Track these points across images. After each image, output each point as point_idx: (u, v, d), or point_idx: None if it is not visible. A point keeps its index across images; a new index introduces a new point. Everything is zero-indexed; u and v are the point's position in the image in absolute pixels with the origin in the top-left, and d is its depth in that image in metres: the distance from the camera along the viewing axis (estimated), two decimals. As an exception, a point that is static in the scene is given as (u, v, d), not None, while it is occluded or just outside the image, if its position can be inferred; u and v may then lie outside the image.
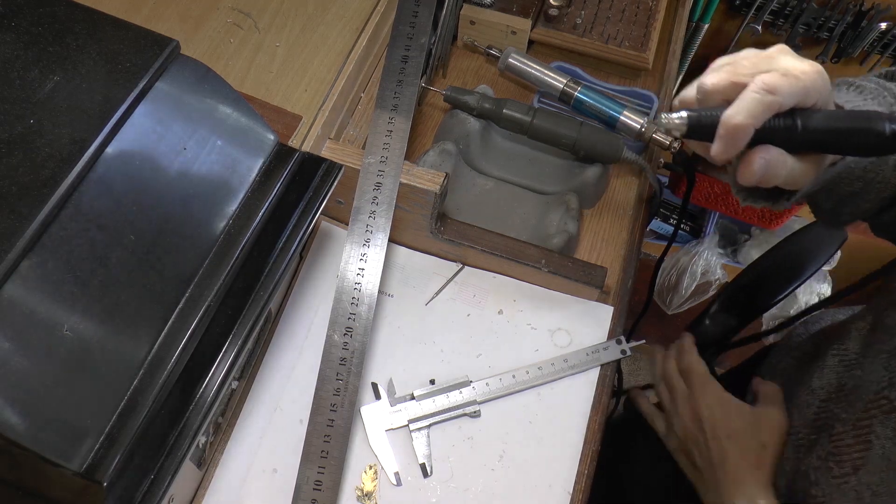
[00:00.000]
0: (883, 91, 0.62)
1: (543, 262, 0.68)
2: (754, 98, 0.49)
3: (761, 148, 0.52)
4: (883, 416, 0.62)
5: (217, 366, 0.48)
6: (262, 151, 0.54)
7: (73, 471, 0.40)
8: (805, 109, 0.51)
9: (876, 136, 0.50)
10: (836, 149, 0.52)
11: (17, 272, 0.39)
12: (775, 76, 0.50)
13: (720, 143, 0.51)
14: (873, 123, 0.50)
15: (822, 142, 0.52)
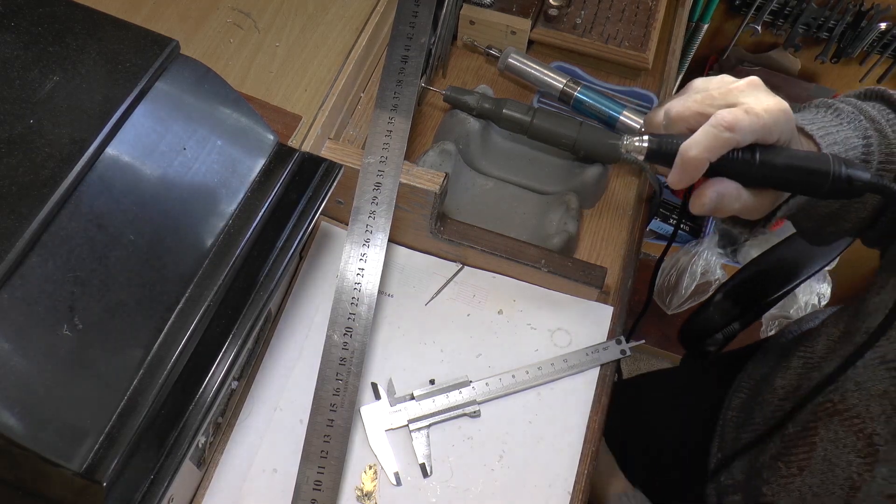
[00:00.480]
0: (859, 115, 0.63)
1: (543, 262, 0.68)
2: (712, 133, 0.50)
3: (716, 181, 0.53)
4: (827, 419, 0.62)
5: (217, 366, 0.48)
6: (262, 151, 0.55)
7: (73, 471, 0.40)
8: (766, 146, 0.52)
9: (830, 182, 0.52)
10: (790, 188, 0.54)
11: (17, 272, 0.39)
12: (737, 113, 0.51)
13: (676, 172, 0.52)
14: (828, 168, 0.52)
15: (777, 179, 0.53)
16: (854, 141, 0.62)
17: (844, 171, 0.52)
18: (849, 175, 0.52)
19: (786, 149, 0.53)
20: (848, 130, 0.62)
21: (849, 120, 0.63)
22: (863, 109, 0.64)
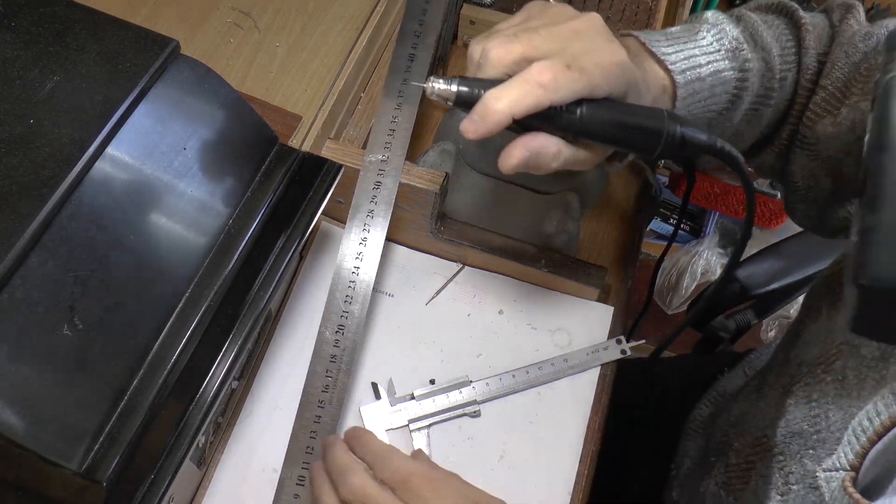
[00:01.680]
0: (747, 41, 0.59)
1: (543, 262, 0.68)
2: (524, 88, 0.45)
3: (528, 138, 0.47)
4: (763, 454, 0.59)
5: (217, 366, 0.48)
6: (262, 151, 0.55)
7: (73, 471, 0.40)
8: (594, 100, 0.48)
9: (663, 142, 0.49)
10: (620, 145, 0.50)
11: (17, 272, 0.39)
12: (557, 69, 0.45)
13: (472, 120, 0.46)
14: (661, 127, 0.49)
15: (604, 136, 0.49)
16: (726, 74, 0.58)
17: (679, 130, 0.49)
18: (682, 135, 0.49)
19: (616, 104, 0.49)
20: (722, 62, 0.58)
21: (730, 47, 0.59)
22: (756, 33, 0.60)
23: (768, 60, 0.60)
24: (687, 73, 0.56)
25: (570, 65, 0.46)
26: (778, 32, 0.62)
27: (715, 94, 0.58)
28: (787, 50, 0.61)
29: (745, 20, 0.61)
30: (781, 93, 0.62)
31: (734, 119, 0.62)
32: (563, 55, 0.46)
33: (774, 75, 0.61)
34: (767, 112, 0.63)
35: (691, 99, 0.57)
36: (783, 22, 0.63)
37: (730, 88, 0.59)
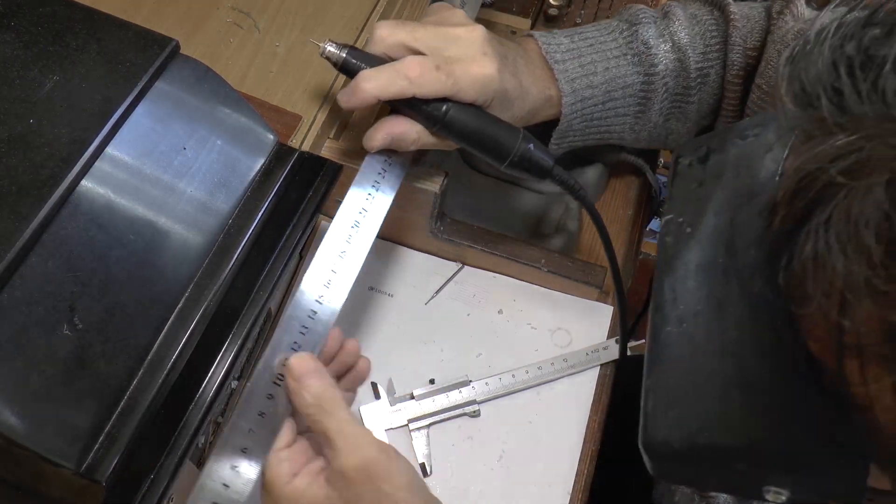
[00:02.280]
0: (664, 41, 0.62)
1: (543, 262, 0.68)
2: (391, 76, 0.50)
3: (388, 122, 0.53)
4: None
5: (217, 366, 0.48)
6: (262, 151, 0.54)
7: (73, 471, 0.40)
8: (461, 103, 0.53)
9: (511, 158, 0.55)
10: (474, 148, 0.56)
11: (17, 272, 0.39)
12: (426, 67, 0.51)
13: (345, 93, 0.52)
14: (512, 146, 0.54)
15: (461, 138, 0.55)
16: (629, 79, 0.62)
17: (529, 152, 0.55)
18: (531, 158, 0.55)
19: (481, 113, 0.54)
20: (624, 67, 0.62)
21: (637, 51, 0.62)
22: (673, 32, 0.63)
23: (683, 60, 0.62)
24: (576, 82, 0.60)
25: (440, 66, 0.51)
26: (704, 29, 0.63)
27: (615, 99, 0.62)
28: (710, 47, 0.63)
29: (669, 17, 0.64)
30: (705, 88, 0.64)
31: (654, 118, 0.64)
32: (436, 55, 0.52)
33: (690, 73, 0.63)
34: (692, 108, 0.65)
35: (581, 105, 0.61)
36: (714, 17, 0.64)
37: (634, 92, 0.62)
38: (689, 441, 0.31)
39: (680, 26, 0.63)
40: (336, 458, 0.45)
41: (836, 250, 0.25)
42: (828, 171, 0.26)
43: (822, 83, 0.27)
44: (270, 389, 0.47)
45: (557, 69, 0.59)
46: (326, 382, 0.47)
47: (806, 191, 0.27)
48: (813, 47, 0.28)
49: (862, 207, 0.25)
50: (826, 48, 0.28)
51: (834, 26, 0.28)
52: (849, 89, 0.26)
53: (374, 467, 0.45)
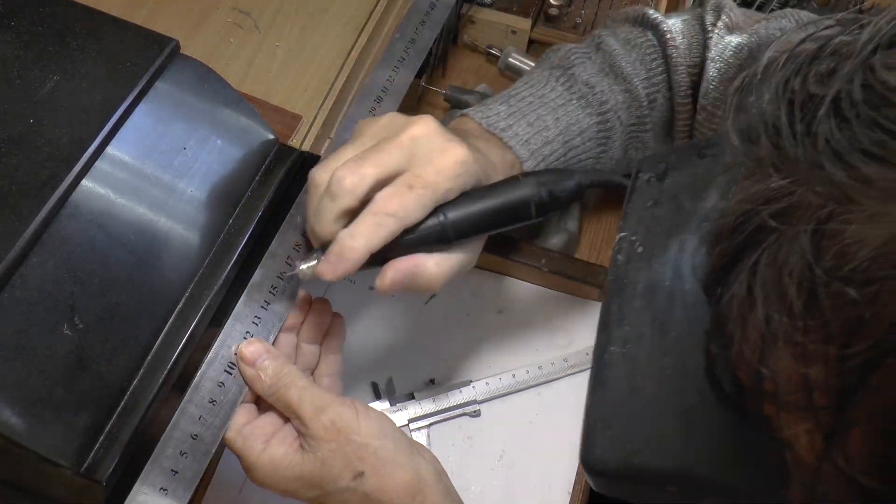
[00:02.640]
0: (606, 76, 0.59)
1: (543, 262, 0.68)
2: (373, 222, 0.45)
3: (394, 265, 0.47)
4: None
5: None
6: (262, 151, 0.55)
7: (73, 471, 0.40)
8: (451, 202, 0.48)
9: (535, 208, 0.50)
10: (494, 229, 0.50)
11: (17, 272, 0.39)
12: (401, 193, 0.45)
13: (328, 262, 0.46)
14: (527, 197, 0.49)
15: (478, 229, 0.49)
16: (584, 123, 0.58)
17: (544, 192, 0.49)
18: (550, 192, 0.50)
19: (475, 194, 0.48)
20: (575, 113, 0.58)
21: (581, 94, 0.58)
22: (614, 64, 0.59)
23: (631, 90, 0.60)
24: (531, 143, 0.56)
25: (413, 184, 0.46)
26: (643, 53, 0.60)
27: (575, 147, 0.58)
28: (653, 71, 0.60)
29: (604, 49, 0.60)
30: (655, 113, 0.61)
31: (616, 155, 0.62)
32: (404, 175, 0.46)
33: (641, 102, 0.60)
34: (649, 136, 0.62)
35: (545, 162, 0.57)
36: (648, 38, 0.61)
37: (593, 134, 0.59)
38: (625, 461, 0.32)
39: (617, 56, 0.60)
40: (304, 424, 0.47)
41: (760, 296, 0.25)
42: (760, 214, 0.25)
43: (764, 120, 0.26)
44: (221, 377, 0.48)
45: (506, 136, 0.56)
46: (280, 360, 0.48)
47: (740, 230, 0.26)
48: (761, 80, 0.27)
49: (787, 255, 0.24)
50: (773, 82, 0.27)
51: (784, 58, 0.27)
52: (786, 130, 0.25)
53: (341, 422, 0.47)
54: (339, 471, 0.46)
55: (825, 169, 0.23)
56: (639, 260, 0.33)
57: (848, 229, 0.22)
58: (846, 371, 0.23)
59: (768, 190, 0.25)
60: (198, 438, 0.46)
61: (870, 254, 0.22)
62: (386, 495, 0.47)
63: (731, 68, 0.57)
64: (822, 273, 0.23)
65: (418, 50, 0.69)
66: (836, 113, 0.24)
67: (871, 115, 0.23)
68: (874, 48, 0.24)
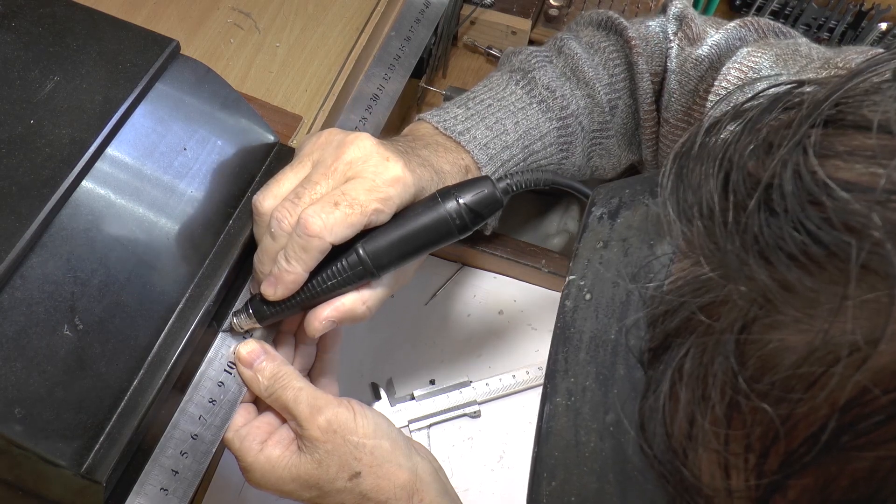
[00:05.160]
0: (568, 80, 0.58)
1: (544, 263, 0.68)
2: (298, 243, 0.45)
3: (318, 315, 0.47)
4: None
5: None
6: (263, 152, 0.54)
7: (73, 471, 0.40)
8: (368, 232, 0.47)
9: (456, 226, 0.47)
10: (418, 253, 0.48)
11: (17, 272, 0.39)
12: (322, 211, 0.44)
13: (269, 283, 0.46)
14: (444, 217, 0.47)
15: (400, 257, 0.47)
16: (544, 127, 0.57)
17: (463, 209, 0.46)
18: (467, 206, 0.47)
19: (393, 223, 0.47)
20: (535, 116, 0.57)
21: (541, 98, 0.57)
22: (576, 68, 0.58)
23: (593, 95, 0.59)
24: (490, 147, 0.55)
25: (339, 201, 0.45)
26: (605, 58, 0.59)
27: (535, 152, 0.57)
28: (615, 77, 0.59)
29: (566, 53, 0.59)
30: (617, 120, 0.60)
31: (578, 161, 0.60)
32: (333, 193, 0.46)
33: (604, 108, 0.59)
34: (612, 142, 0.61)
35: (505, 167, 0.56)
36: (612, 42, 0.60)
37: (554, 139, 0.57)
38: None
39: (579, 60, 0.59)
40: (301, 425, 0.47)
41: (685, 394, 0.24)
42: (689, 305, 0.24)
43: (699, 199, 0.24)
44: (221, 377, 0.48)
45: (464, 140, 0.54)
46: (277, 361, 0.49)
47: (671, 317, 0.25)
48: (701, 146, 0.25)
49: (713, 354, 0.22)
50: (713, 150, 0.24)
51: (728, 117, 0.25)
52: (718, 217, 0.23)
53: (337, 423, 0.47)
54: (336, 471, 0.47)
55: (751, 267, 0.21)
56: (586, 308, 0.32)
57: (769, 337, 0.21)
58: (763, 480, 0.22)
59: (698, 280, 0.24)
60: (198, 438, 0.46)
61: (787, 370, 0.20)
62: (383, 494, 0.47)
63: (691, 81, 0.57)
64: (743, 383, 0.21)
65: (414, 48, 0.69)
66: (767, 204, 0.22)
67: (798, 212, 0.21)
68: (811, 124, 0.22)
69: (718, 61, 0.56)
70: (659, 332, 0.26)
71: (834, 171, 0.21)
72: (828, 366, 0.20)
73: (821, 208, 0.20)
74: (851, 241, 0.20)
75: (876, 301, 0.19)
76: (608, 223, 0.34)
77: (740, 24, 0.57)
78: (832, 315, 0.20)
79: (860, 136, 0.21)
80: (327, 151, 0.48)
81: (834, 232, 0.20)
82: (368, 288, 0.48)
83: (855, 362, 0.19)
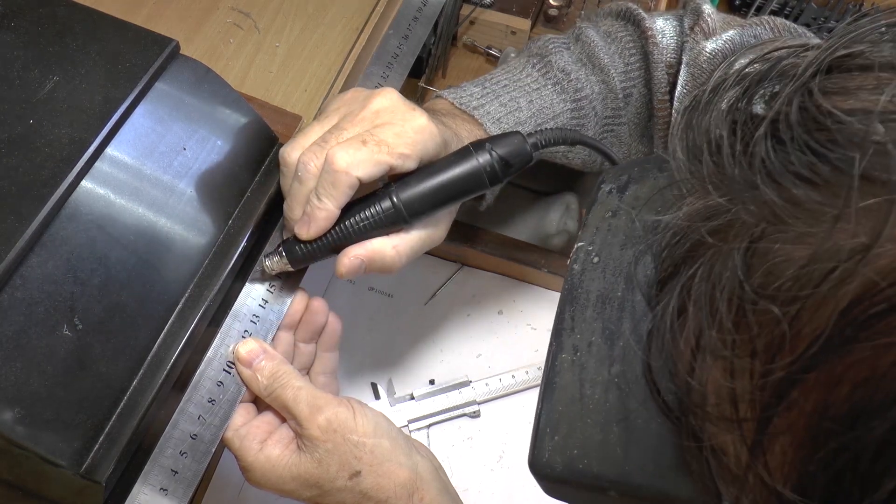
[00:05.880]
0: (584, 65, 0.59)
1: (543, 263, 0.68)
2: (328, 181, 0.46)
3: (349, 253, 0.48)
4: None
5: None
6: (262, 151, 0.54)
7: (73, 471, 0.40)
8: (402, 177, 0.48)
9: (488, 175, 0.48)
10: (450, 203, 0.49)
11: (17, 272, 0.39)
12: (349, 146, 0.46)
13: (301, 224, 0.47)
14: (476, 166, 0.48)
15: (432, 205, 0.48)
16: (558, 107, 0.58)
17: (495, 159, 0.48)
18: (501, 158, 0.48)
19: (426, 170, 0.48)
20: (550, 96, 0.58)
21: (556, 80, 0.58)
22: (592, 54, 0.60)
23: (608, 81, 0.59)
24: (503, 122, 0.56)
25: (366, 140, 0.46)
26: (622, 47, 0.60)
27: None
28: (631, 66, 0.60)
29: (584, 40, 0.60)
30: (630, 108, 0.61)
31: None
32: (361, 133, 0.47)
33: (617, 95, 0.60)
34: (624, 130, 0.62)
35: None
36: (630, 32, 0.61)
37: (566, 120, 0.58)
38: (569, 466, 0.33)
39: (595, 47, 0.60)
40: (300, 424, 0.47)
41: (693, 310, 0.25)
42: (699, 230, 0.25)
43: (708, 138, 0.26)
44: (220, 377, 0.48)
45: (478, 114, 0.56)
46: (277, 360, 0.49)
47: (680, 245, 0.27)
48: (709, 99, 0.27)
49: (721, 271, 0.24)
50: (720, 100, 0.27)
51: (733, 78, 0.27)
52: (726, 148, 0.25)
53: (337, 422, 0.47)
54: (336, 470, 0.47)
55: (759, 189, 0.23)
56: (593, 270, 0.33)
57: (776, 248, 0.23)
58: (769, 385, 0.23)
59: (707, 207, 0.25)
60: (197, 438, 0.46)
61: (793, 273, 0.22)
62: (383, 493, 0.47)
63: (704, 74, 0.57)
64: (750, 290, 0.23)
65: (412, 46, 0.69)
66: (773, 134, 0.24)
67: (804, 137, 0.23)
68: (814, 72, 0.24)
69: (732, 56, 0.56)
70: (667, 262, 0.28)
71: (839, 102, 0.23)
72: (832, 264, 0.21)
73: (826, 132, 0.22)
74: (854, 154, 0.21)
75: (876, 205, 0.21)
76: (617, 196, 0.35)
77: (756, 21, 0.58)
78: (835, 220, 0.21)
79: (863, 75, 0.24)
80: (354, 105, 0.50)
81: (838, 148, 0.22)
82: (400, 235, 0.49)
83: (857, 260, 0.21)
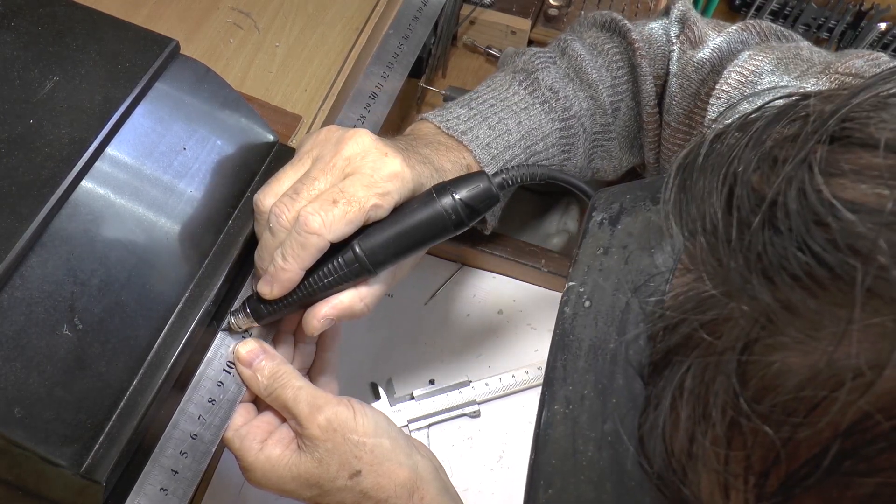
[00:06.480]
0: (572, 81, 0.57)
1: (543, 263, 0.68)
2: (297, 241, 0.45)
3: (316, 313, 0.47)
4: None
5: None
6: (262, 151, 0.54)
7: (73, 471, 0.40)
8: (366, 229, 0.47)
9: (452, 222, 0.47)
10: (414, 250, 0.48)
11: (17, 272, 0.39)
12: (321, 209, 0.44)
13: (265, 281, 0.46)
14: (439, 213, 0.46)
15: (396, 254, 0.47)
16: (546, 127, 0.57)
17: (455, 199, 0.46)
18: (462, 201, 0.46)
19: (389, 219, 0.47)
20: (538, 117, 0.56)
21: (544, 99, 0.57)
22: (580, 69, 0.58)
23: (596, 97, 0.59)
24: (492, 146, 0.55)
25: (336, 199, 0.45)
26: (608, 59, 0.59)
27: (537, 153, 0.57)
28: (618, 79, 0.59)
29: (570, 54, 0.59)
30: (619, 122, 0.60)
31: (579, 163, 0.60)
32: (331, 190, 0.46)
33: (606, 110, 0.59)
34: (614, 145, 0.61)
35: (506, 165, 0.55)
36: (616, 44, 0.60)
37: (556, 140, 0.57)
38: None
39: (582, 61, 0.59)
40: (301, 424, 0.47)
41: (685, 411, 0.23)
42: (691, 322, 0.23)
43: (703, 213, 0.23)
44: (220, 377, 0.48)
45: (466, 139, 0.54)
46: (277, 360, 0.49)
47: (672, 332, 0.25)
48: (705, 157, 0.24)
49: (714, 374, 0.22)
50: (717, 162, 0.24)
51: (733, 132, 0.24)
52: (722, 234, 0.22)
53: (337, 421, 0.47)
54: (337, 470, 0.47)
55: (754, 287, 0.21)
56: (585, 315, 0.32)
57: (771, 360, 0.21)
58: (762, 502, 0.22)
59: (700, 296, 0.23)
60: (197, 438, 0.46)
61: (788, 395, 0.20)
62: (383, 492, 0.47)
63: (692, 84, 0.57)
64: (745, 405, 0.21)
65: (412, 46, 0.69)
66: (771, 223, 0.21)
67: (802, 232, 0.20)
68: (818, 140, 0.22)
69: (720, 64, 0.56)
70: (660, 347, 0.26)
71: (839, 190, 0.21)
72: (831, 390, 0.19)
73: (826, 229, 0.20)
74: (857, 264, 0.19)
75: (881, 326, 0.19)
76: (609, 229, 0.33)
77: (742, 27, 0.57)
78: (836, 339, 0.19)
79: (867, 154, 0.21)
80: (326, 148, 0.48)
81: (839, 254, 0.20)
82: (366, 285, 0.48)
83: (859, 387, 0.19)
